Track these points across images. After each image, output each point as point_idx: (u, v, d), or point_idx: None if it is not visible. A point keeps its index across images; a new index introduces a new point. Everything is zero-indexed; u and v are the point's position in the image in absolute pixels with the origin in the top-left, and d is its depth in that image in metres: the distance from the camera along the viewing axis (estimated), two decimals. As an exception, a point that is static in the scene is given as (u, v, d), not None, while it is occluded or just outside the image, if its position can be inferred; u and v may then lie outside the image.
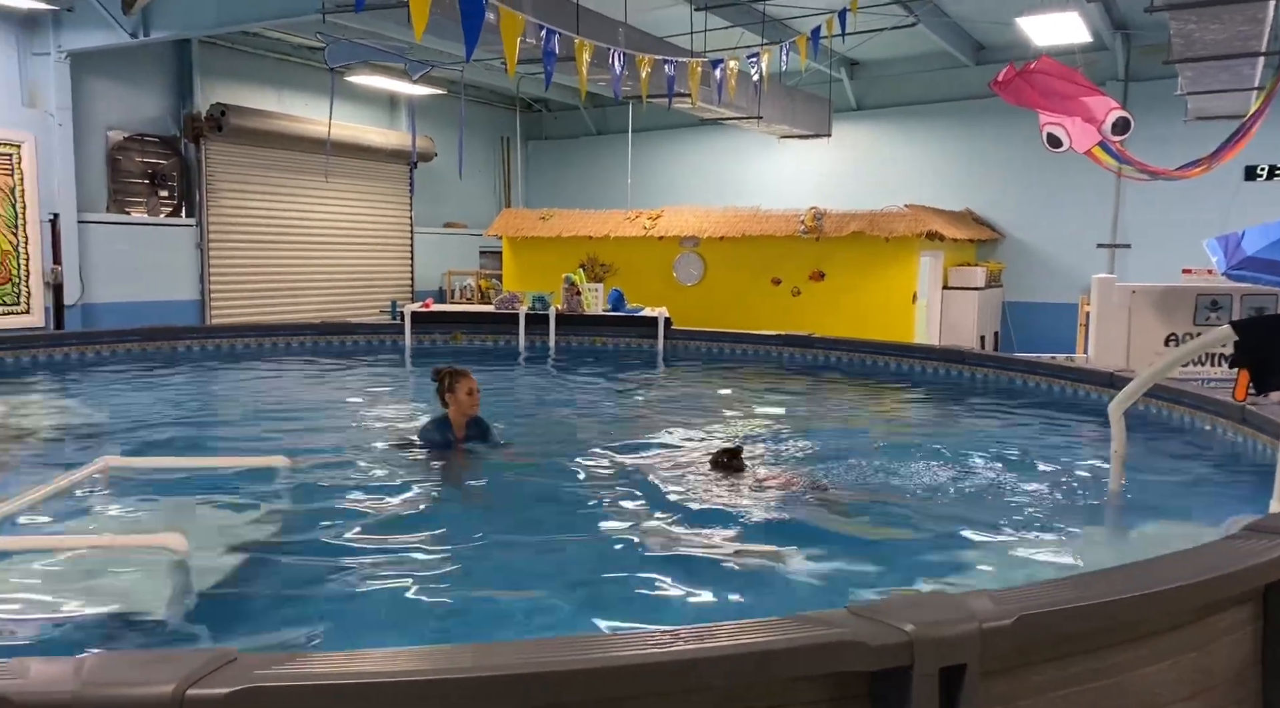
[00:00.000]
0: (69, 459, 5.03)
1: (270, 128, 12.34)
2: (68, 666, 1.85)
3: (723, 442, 5.58)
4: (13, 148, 10.07)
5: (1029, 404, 7.48)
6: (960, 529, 4.14)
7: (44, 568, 3.26)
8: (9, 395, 6.86)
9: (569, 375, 9.22)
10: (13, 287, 10.12)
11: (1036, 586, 2.53)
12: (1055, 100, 6.08)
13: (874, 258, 11.57)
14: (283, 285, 13.09)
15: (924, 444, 6.03)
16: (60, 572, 3.25)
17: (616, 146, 15.46)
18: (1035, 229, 13.71)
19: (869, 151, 14.58)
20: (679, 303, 11.94)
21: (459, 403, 5.27)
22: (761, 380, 8.78)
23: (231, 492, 4.35)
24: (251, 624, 3.08)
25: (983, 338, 12.95)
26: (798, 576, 3.58)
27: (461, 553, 3.76)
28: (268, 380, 8.54)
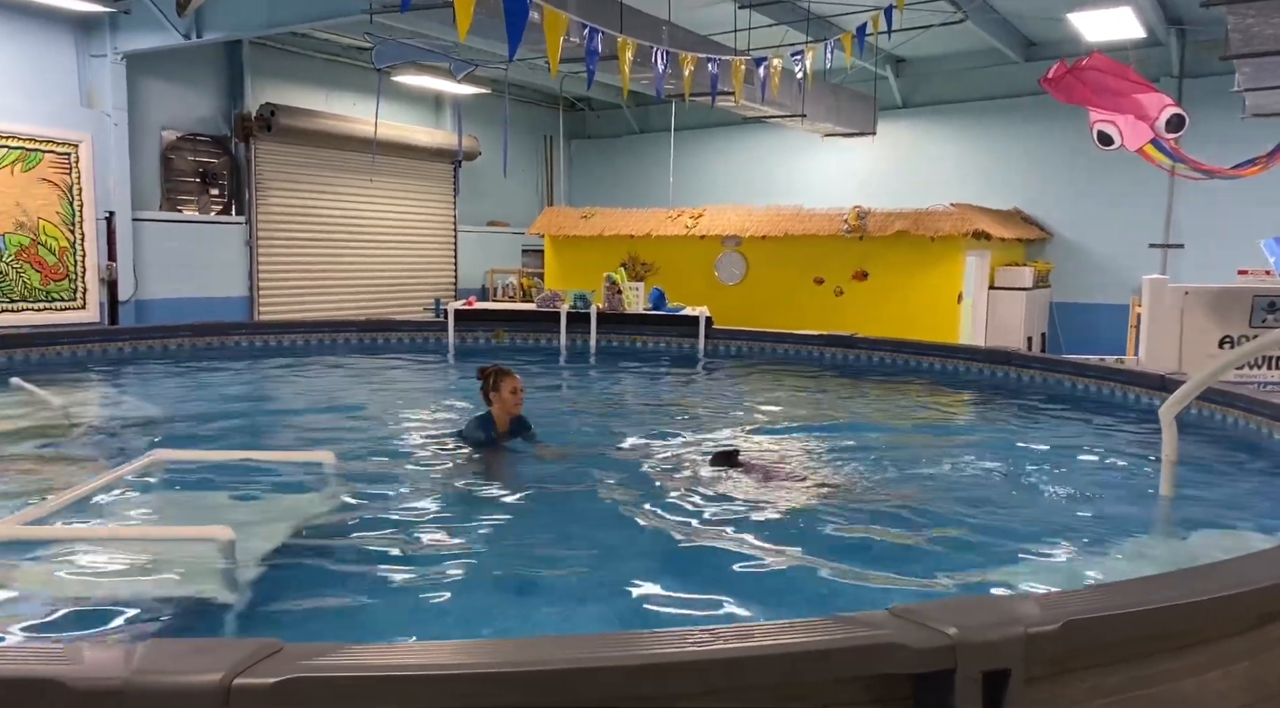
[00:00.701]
0: (122, 452, 5.16)
1: (318, 127, 12.53)
2: (119, 653, 1.89)
3: (721, 444, 5.54)
4: (71, 147, 10.32)
5: (1077, 407, 7.34)
6: (1004, 534, 4.09)
7: (97, 558, 3.34)
8: (66, 390, 7.04)
9: (609, 374, 9.24)
10: (69, 283, 10.38)
11: (1084, 590, 2.49)
12: (1107, 97, 5.96)
13: (919, 257, 11.44)
14: (329, 282, 13.28)
15: (968, 447, 5.96)
16: (112, 561, 3.32)
17: (659, 145, 15.44)
18: (1085, 229, 13.46)
19: (914, 150, 14.42)
20: (720, 302, 11.91)
21: (503, 402, 5.31)
22: (802, 381, 8.72)
23: (278, 485, 4.42)
24: (296, 616, 3.13)
25: (1030, 339, 12.74)
26: (838, 578, 3.55)
27: (503, 549, 3.79)
28: (313, 377, 8.67)
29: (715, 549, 3.81)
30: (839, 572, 3.59)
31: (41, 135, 10.06)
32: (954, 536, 4.12)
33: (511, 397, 5.31)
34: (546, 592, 3.36)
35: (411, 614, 3.15)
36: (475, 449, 5.33)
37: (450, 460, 5.26)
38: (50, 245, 10.18)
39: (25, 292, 10.00)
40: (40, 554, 3.35)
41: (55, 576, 3.23)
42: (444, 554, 3.70)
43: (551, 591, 3.38)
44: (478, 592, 3.33)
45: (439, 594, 3.30)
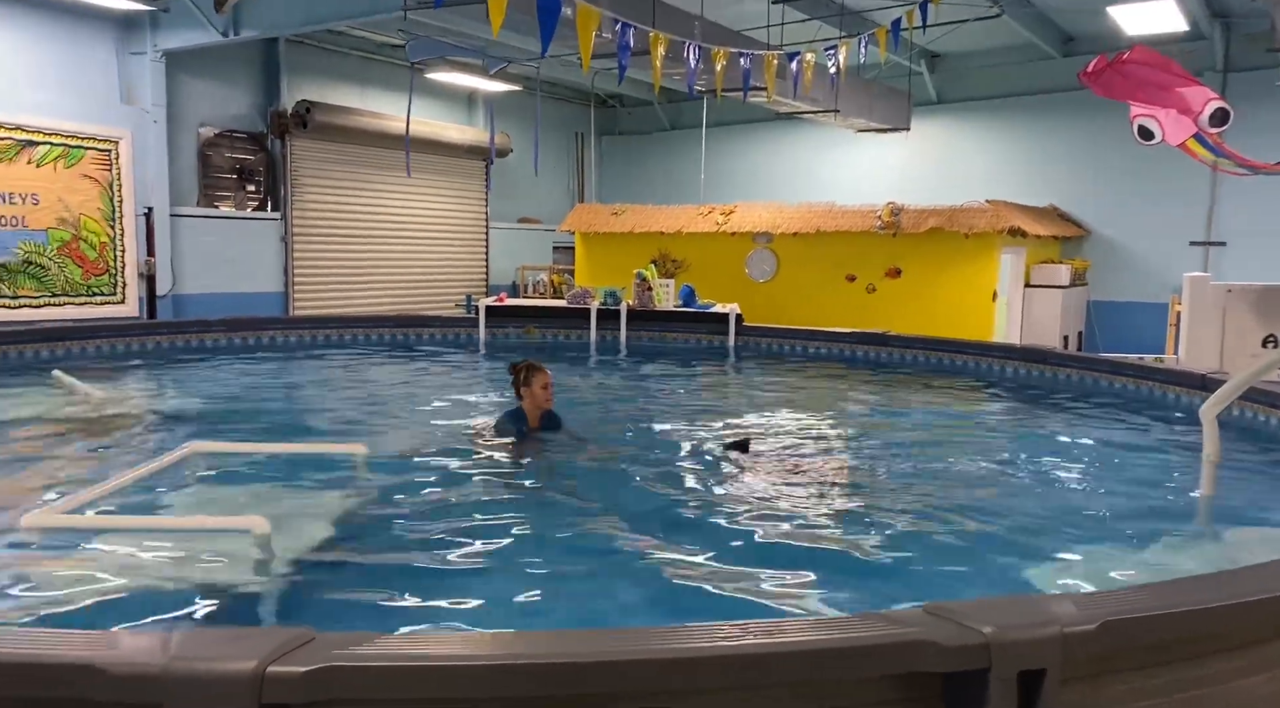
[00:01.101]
0: (158, 444, 5.23)
1: (353, 124, 12.63)
2: (156, 640, 1.92)
3: (739, 434, 5.52)
4: (111, 144, 10.49)
5: (1115, 407, 7.23)
6: (1038, 532, 4.03)
7: (133, 547, 3.39)
8: (104, 383, 7.15)
9: (639, 371, 9.23)
10: (109, 277, 10.55)
11: (1123, 590, 2.44)
12: (1148, 91, 5.84)
13: (953, 255, 11.32)
14: (362, 278, 13.40)
15: (1002, 446, 5.89)
16: (148, 551, 3.37)
17: (690, 142, 15.41)
18: (1124, 226, 13.24)
19: (949, 146, 14.27)
20: (751, 299, 11.85)
21: (534, 396, 5.36)
22: (833, 379, 8.66)
23: (311, 477, 4.46)
24: (330, 607, 3.15)
25: (1066, 338, 12.57)
26: (868, 574, 3.52)
27: (534, 542, 3.80)
28: (347, 372, 8.74)
29: (744, 543, 3.80)
30: (869, 568, 3.57)
31: (83, 132, 10.24)
32: (987, 533, 4.07)
33: (542, 392, 5.36)
34: (576, 585, 3.36)
35: (443, 607, 3.16)
36: (507, 443, 5.36)
37: (482, 454, 5.28)
38: (91, 241, 10.35)
39: (66, 286, 10.18)
40: (77, 544, 3.40)
41: (92, 565, 3.28)
42: (474, 547, 3.71)
43: (581, 583, 3.38)
44: (509, 584, 3.33)
45: (470, 586, 3.31)
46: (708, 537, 3.86)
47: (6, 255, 9.69)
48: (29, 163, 9.83)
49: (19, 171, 9.76)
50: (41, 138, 9.92)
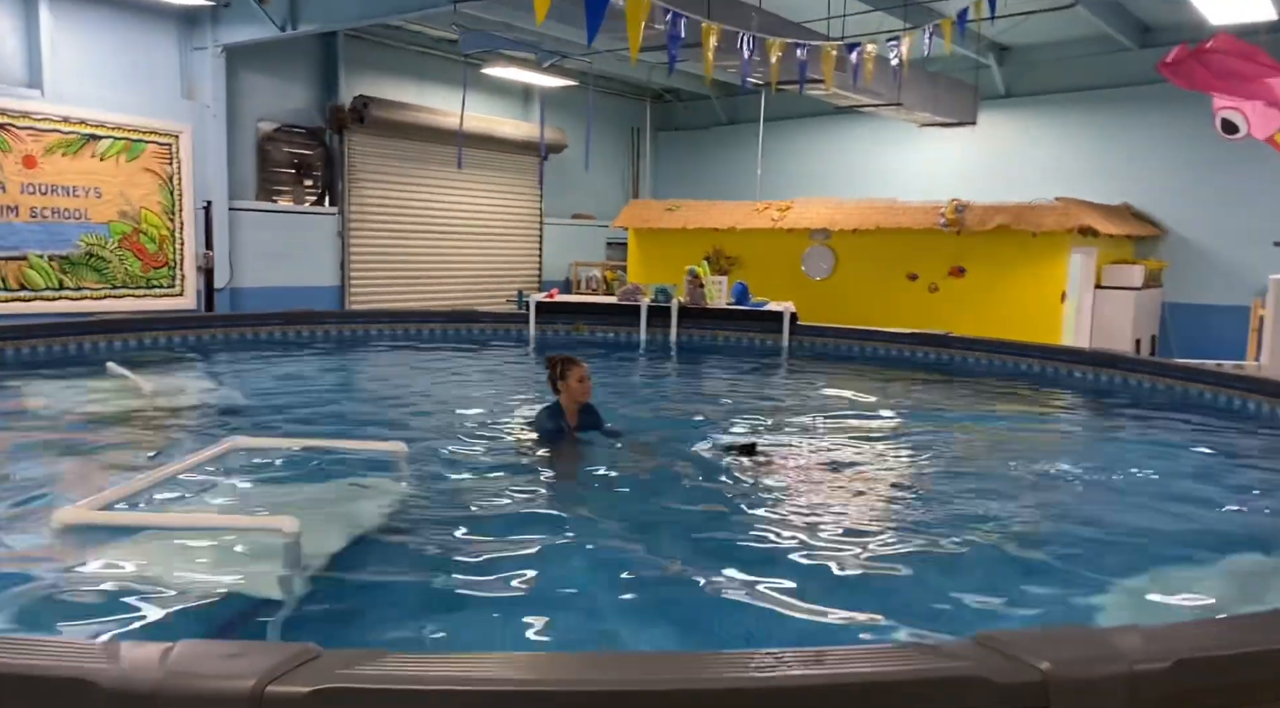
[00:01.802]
0: (202, 437, 5.23)
1: (409, 119, 12.67)
2: (154, 653, 1.82)
3: (744, 437, 5.38)
4: (172, 138, 10.65)
5: (1190, 416, 6.86)
6: (1102, 555, 3.76)
7: (163, 544, 3.34)
8: (157, 374, 7.22)
9: (688, 369, 9.08)
10: (169, 270, 10.72)
11: (1199, 624, 2.23)
12: (1233, 82, 5.49)
13: (1020, 254, 10.92)
14: (417, 272, 13.45)
15: (1065, 457, 5.59)
16: (178, 548, 3.31)
17: (747, 136, 15.17)
18: (1202, 225, 12.66)
19: (1017, 141, 13.80)
20: (807, 297, 11.61)
21: (570, 390, 5.27)
22: (890, 381, 8.39)
23: (349, 475, 4.40)
24: (356, 614, 3.06)
25: (1138, 341, 12.06)
26: (916, 596, 3.31)
27: (564, 556, 3.67)
28: (397, 366, 8.75)
29: (782, 560, 3.60)
30: (918, 589, 3.35)
31: (145, 126, 10.40)
32: (1046, 552, 3.82)
33: (579, 385, 5.26)
34: (609, 598, 3.22)
35: (466, 619, 3.05)
36: (546, 440, 5.26)
37: (522, 455, 5.18)
38: (151, 234, 10.52)
39: (127, 278, 10.36)
40: (107, 540, 3.36)
41: (121, 560, 3.23)
42: (504, 559, 3.59)
43: (614, 597, 3.24)
44: (536, 599, 3.21)
45: (495, 601, 3.19)
46: (743, 553, 3.68)
47: (69, 248, 9.89)
48: (92, 156, 10.02)
49: (83, 165, 9.95)
50: (105, 132, 10.10)
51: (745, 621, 3.01)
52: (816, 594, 3.21)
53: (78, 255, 9.96)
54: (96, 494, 3.55)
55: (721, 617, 3.04)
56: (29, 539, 3.49)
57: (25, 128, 9.48)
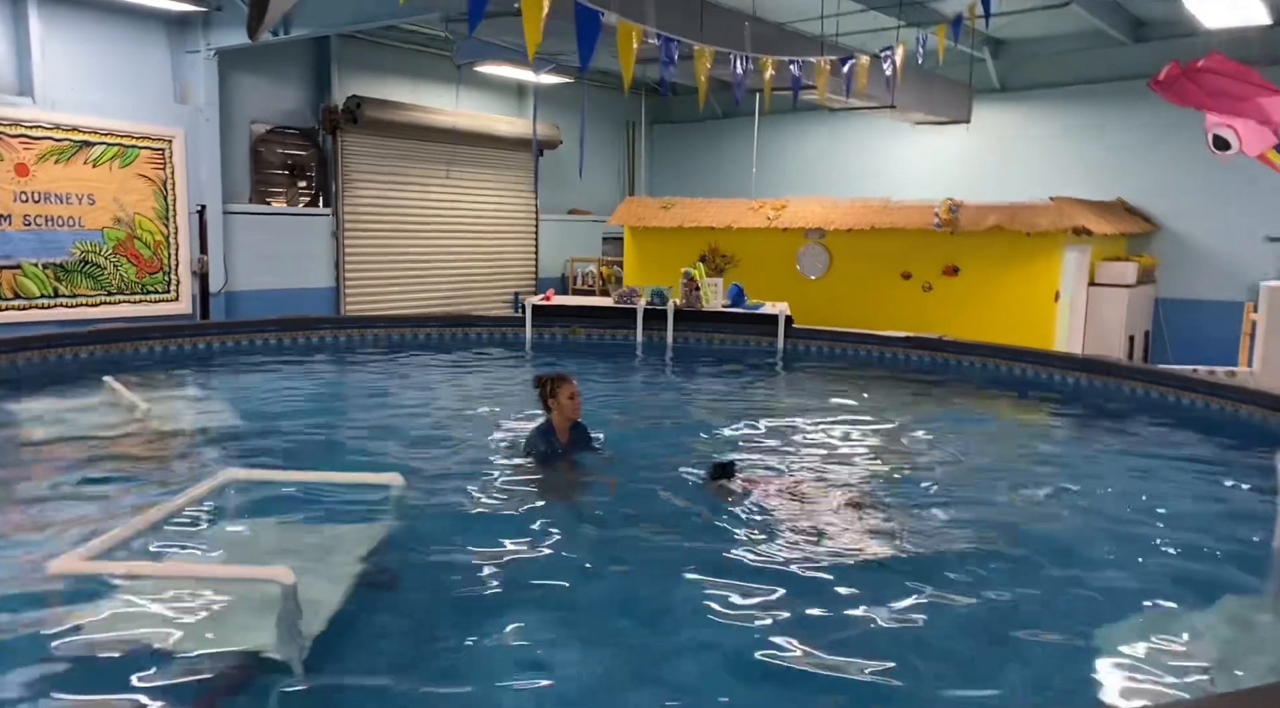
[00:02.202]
0: (198, 465, 5.25)
1: (403, 119, 12.61)
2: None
3: (722, 457, 5.38)
4: (165, 142, 10.60)
5: (1183, 427, 6.90)
6: (1086, 588, 3.80)
7: (157, 597, 3.36)
8: (153, 390, 7.23)
9: (684, 375, 9.09)
10: (163, 275, 10.70)
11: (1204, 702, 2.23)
12: (1225, 101, 5.49)
13: (1013, 254, 10.93)
14: (414, 272, 13.43)
15: (1054, 475, 5.63)
16: (173, 601, 3.33)
17: (742, 130, 15.10)
18: (1195, 220, 12.66)
19: (1012, 137, 13.78)
20: (802, 296, 11.62)
21: (561, 408, 5.32)
22: (884, 388, 8.42)
23: (346, 511, 4.42)
24: (355, 669, 3.09)
25: (1132, 338, 12.10)
26: (901, 647, 3.33)
27: (561, 597, 3.70)
28: (394, 375, 8.74)
29: (774, 598, 3.62)
30: (902, 638, 3.37)
31: (138, 132, 10.35)
32: (1036, 584, 3.87)
33: (569, 402, 5.31)
34: (605, 649, 3.26)
35: (470, 668, 3.08)
36: (540, 463, 5.29)
37: (517, 480, 5.20)
38: (146, 239, 10.49)
39: (122, 284, 10.34)
40: (103, 592, 3.38)
41: (115, 616, 3.26)
42: (507, 598, 3.63)
43: (612, 647, 3.27)
44: (541, 643, 3.24)
45: (499, 645, 3.23)
46: (732, 592, 3.70)
47: (63, 255, 9.86)
48: (85, 163, 9.98)
49: (76, 172, 9.91)
50: (98, 138, 10.06)
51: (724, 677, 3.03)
52: (803, 646, 3.24)
53: (72, 263, 9.94)
54: (92, 541, 3.55)
55: (708, 666, 3.06)
56: (22, 588, 3.50)
57: (17, 136, 9.43)
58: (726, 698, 2.96)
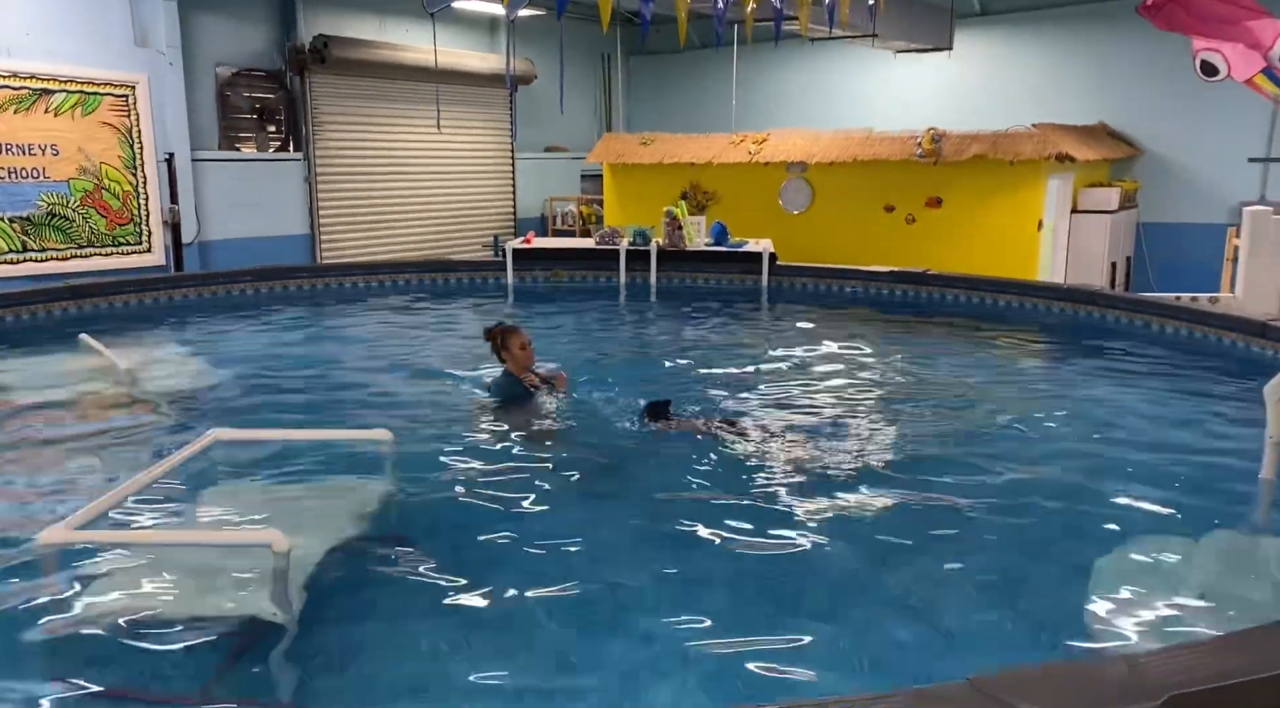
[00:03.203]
0: (183, 425, 5.18)
1: (371, 58, 12.25)
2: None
3: (646, 400, 5.37)
4: (128, 89, 10.26)
5: (1168, 355, 6.94)
6: (1076, 527, 3.82)
7: (148, 563, 3.33)
8: (130, 346, 7.11)
9: (668, 316, 9.04)
10: (134, 227, 10.46)
11: (1194, 649, 2.25)
12: (1213, 25, 5.39)
13: (997, 183, 10.85)
14: (390, 216, 13.21)
15: (1039, 409, 5.66)
16: (164, 567, 3.31)
17: (721, 60, 14.76)
18: (1178, 142, 12.57)
19: (994, 64, 13.56)
20: (785, 232, 11.53)
21: (515, 358, 5.39)
22: (867, 324, 8.40)
23: (335, 467, 4.39)
24: (348, 633, 3.08)
25: (1114, 264, 12.11)
26: (888, 596, 3.34)
27: (561, 543, 3.70)
28: (374, 323, 8.66)
29: (744, 557, 3.59)
30: (889, 587, 3.39)
31: (99, 78, 10.01)
32: (1026, 521, 3.90)
33: (521, 352, 5.39)
34: (592, 587, 3.26)
35: (464, 633, 3.08)
36: (508, 409, 5.34)
37: (499, 431, 5.18)
38: (114, 190, 10.23)
39: (92, 237, 10.11)
40: (94, 560, 3.35)
41: (106, 584, 3.23)
42: (498, 554, 3.63)
43: (592, 598, 3.28)
44: (534, 603, 3.24)
45: (494, 605, 3.23)
46: (699, 550, 3.70)
47: (30, 208, 9.61)
48: (46, 112, 9.66)
49: (37, 122, 9.60)
50: (57, 86, 9.72)
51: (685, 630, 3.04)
52: (780, 607, 3.25)
53: (39, 216, 9.69)
54: (81, 508, 3.50)
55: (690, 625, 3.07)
56: (10, 559, 3.46)
57: (-28, 85, 9.11)
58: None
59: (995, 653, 2.86)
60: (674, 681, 2.76)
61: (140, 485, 3.80)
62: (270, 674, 2.86)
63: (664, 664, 2.84)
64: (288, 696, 2.79)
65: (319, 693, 2.79)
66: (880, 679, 2.75)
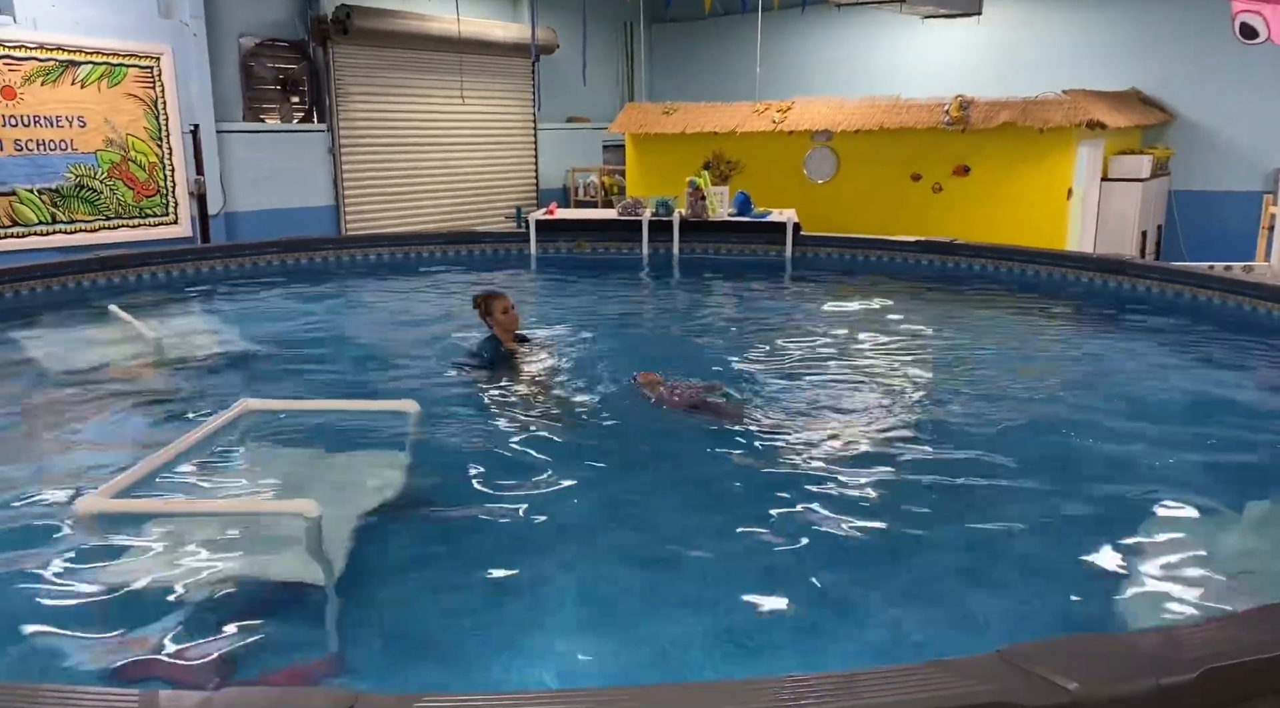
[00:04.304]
0: (213, 395, 5.23)
1: (394, 28, 12.19)
2: (194, 703, 1.87)
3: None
4: (152, 60, 10.28)
5: (1200, 325, 6.84)
6: (1106, 501, 3.78)
7: (181, 532, 3.37)
8: (160, 316, 7.18)
9: (688, 286, 9.01)
10: (161, 198, 10.52)
11: (1225, 622, 2.23)
12: (1256, -14, 5.26)
13: (1026, 150, 10.68)
14: (413, 187, 13.20)
15: (1069, 380, 5.60)
16: (197, 536, 3.35)
17: (745, 27, 14.60)
18: (1212, 107, 12.29)
19: (1025, 29, 13.30)
20: (810, 201, 11.43)
21: (499, 323, 5.65)
22: (894, 294, 8.32)
23: (364, 439, 4.42)
24: (381, 604, 3.10)
25: (1145, 234, 11.92)
26: (915, 562, 3.33)
27: (581, 512, 3.72)
28: (399, 295, 8.68)
29: (759, 524, 3.57)
30: (916, 553, 3.38)
31: (124, 49, 10.03)
32: (1058, 493, 3.86)
33: (504, 317, 5.67)
34: (626, 572, 3.28)
35: (501, 600, 3.11)
36: (490, 369, 5.52)
37: (502, 393, 5.23)
38: (140, 161, 10.28)
39: (120, 208, 10.18)
40: (128, 529, 3.40)
41: (140, 553, 3.28)
42: (518, 521, 3.65)
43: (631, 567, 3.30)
44: (561, 570, 3.27)
45: (529, 571, 3.26)
46: (713, 512, 3.72)
47: (58, 180, 9.68)
48: (73, 84, 9.70)
49: (64, 93, 9.65)
50: (83, 57, 9.75)
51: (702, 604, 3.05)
52: (797, 575, 3.23)
53: (68, 187, 9.76)
54: (116, 477, 3.56)
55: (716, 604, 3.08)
56: (50, 527, 3.52)
57: (1, 57, 9.15)
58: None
59: (1025, 627, 2.85)
60: (702, 650, 2.77)
61: (173, 455, 3.85)
62: (300, 639, 2.90)
63: (690, 633, 2.85)
64: (318, 658, 2.83)
65: (349, 658, 2.83)
66: (910, 653, 2.75)
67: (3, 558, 3.34)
